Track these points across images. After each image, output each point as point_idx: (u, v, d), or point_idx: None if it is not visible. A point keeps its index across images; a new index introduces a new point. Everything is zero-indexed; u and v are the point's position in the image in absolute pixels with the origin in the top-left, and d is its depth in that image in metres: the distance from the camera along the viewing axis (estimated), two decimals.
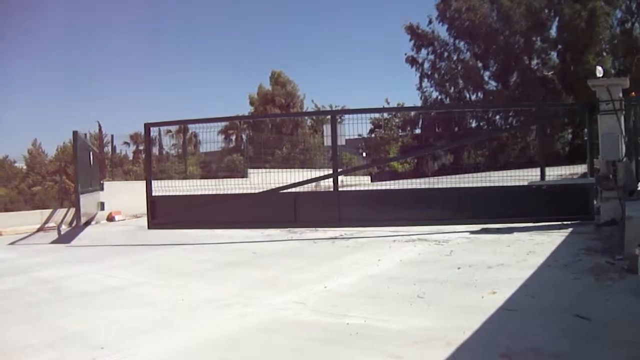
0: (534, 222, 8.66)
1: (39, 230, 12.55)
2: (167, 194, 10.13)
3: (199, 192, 10.45)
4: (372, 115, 34.51)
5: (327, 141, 10.39)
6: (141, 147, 40.34)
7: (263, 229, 9.89)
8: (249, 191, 10.10)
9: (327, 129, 10.74)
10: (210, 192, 10.31)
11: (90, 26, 61.04)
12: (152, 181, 10.15)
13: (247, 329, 3.99)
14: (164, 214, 10.01)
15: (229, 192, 10.32)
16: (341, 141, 9.97)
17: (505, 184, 9.39)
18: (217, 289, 5.46)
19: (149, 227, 10.10)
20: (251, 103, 43.46)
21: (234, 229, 9.84)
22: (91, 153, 14.11)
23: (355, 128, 9.78)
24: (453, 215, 8.92)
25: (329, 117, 10.46)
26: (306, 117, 42.06)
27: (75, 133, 11.38)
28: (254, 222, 9.68)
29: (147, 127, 10.29)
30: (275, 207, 9.56)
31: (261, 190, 9.85)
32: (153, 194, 10.04)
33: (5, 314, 4.82)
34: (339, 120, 10.26)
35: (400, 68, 65.02)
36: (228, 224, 9.78)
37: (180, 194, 10.34)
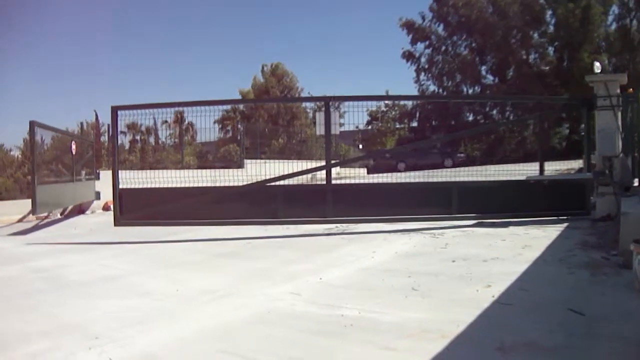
0: (530, 217, 8.65)
1: (20, 220, 12.53)
2: (164, 185, 9.42)
3: (196, 184, 9.51)
4: (369, 104, 34.33)
5: (320, 130, 9.73)
6: (137, 137, 40.24)
7: (249, 225, 9.12)
8: (245, 182, 9.31)
9: (320, 116, 10.17)
10: (191, 185, 9.41)
11: (90, 19, 60.84)
12: (147, 171, 9.78)
13: (243, 319, 3.98)
14: (134, 209, 9.00)
15: (216, 184, 9.55)
16: (335, 130, 9.37)
17: (502, 178, 9.38)
18: (212, 280, 5.44)
19: (115, 224, 9.03)
20: (242, 97, 43.00)
21: (216, 226, 9.22)
22: (73, 142, 14.05)
23: (351, 117, 9.05)
24: (448, 209, 8.79)
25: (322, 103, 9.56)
26: (304, 107, 41.67)
27: (31, 123, 10.76)
28: (239, 217, 8.94)
29: (115, 110, 9.09)
30: (263, 200, 8.97)
31: (251, 182, 9.17)
32: (120, 186, 9.04)
33: None
34: (333, 108, 9.57)
35: (399, 63, 64.67)
36: (209, 220, 9.02)
37: (174, 185, 9.37)
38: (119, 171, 9.10)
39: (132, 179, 9.36)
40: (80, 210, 14.22)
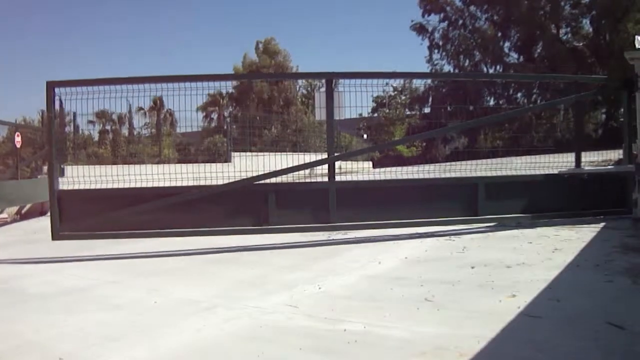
0: (561, 216, 8.63)
1: None
2: (137, 185, 8.39)
3: (173, 183, 8.84)
4: (375, 87, 34.21)
5: (320, 115, 9.10)
6: (108, 127, 40.20)
7: (232, 235, 8.32)
8: (232, 179, 8.51)
9: (320, 97, 9.59)
10: (168, 184, 8.70)
11: None
12: (117, 166, 9.24)
13: (231, 335, 3.98)
14: (79, 216, 7.88)
15: (197, 182, 8.81)
16: (339, 114, 8.86)
17: (528, 172, 9.33)
18: (195, 290, 5.45)
19: (53, 237, 7.87)
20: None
21: (190, 236, 8.20)
22: (17, 134, 14.36)
23: (355, 100, 8.43)
24: (467, 207, 8.72)
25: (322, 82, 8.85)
26: (301, 91, 41.59)
27: None
28: (219, 224, 8.18)
29: (51, 87, 7.84)
30: (250, 202, 8.36)
31: (235, 179, 8.49)
32: (60, 186, 7.90)
33: None
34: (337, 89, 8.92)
35: (407, 42, 64.49)
36: (180, 229, 8.08)
37: (145, 185, 8.45)
38: (82, 167, 8.64)
39: (93, 176, 8.22)
40: (42, 211, 14.23)
